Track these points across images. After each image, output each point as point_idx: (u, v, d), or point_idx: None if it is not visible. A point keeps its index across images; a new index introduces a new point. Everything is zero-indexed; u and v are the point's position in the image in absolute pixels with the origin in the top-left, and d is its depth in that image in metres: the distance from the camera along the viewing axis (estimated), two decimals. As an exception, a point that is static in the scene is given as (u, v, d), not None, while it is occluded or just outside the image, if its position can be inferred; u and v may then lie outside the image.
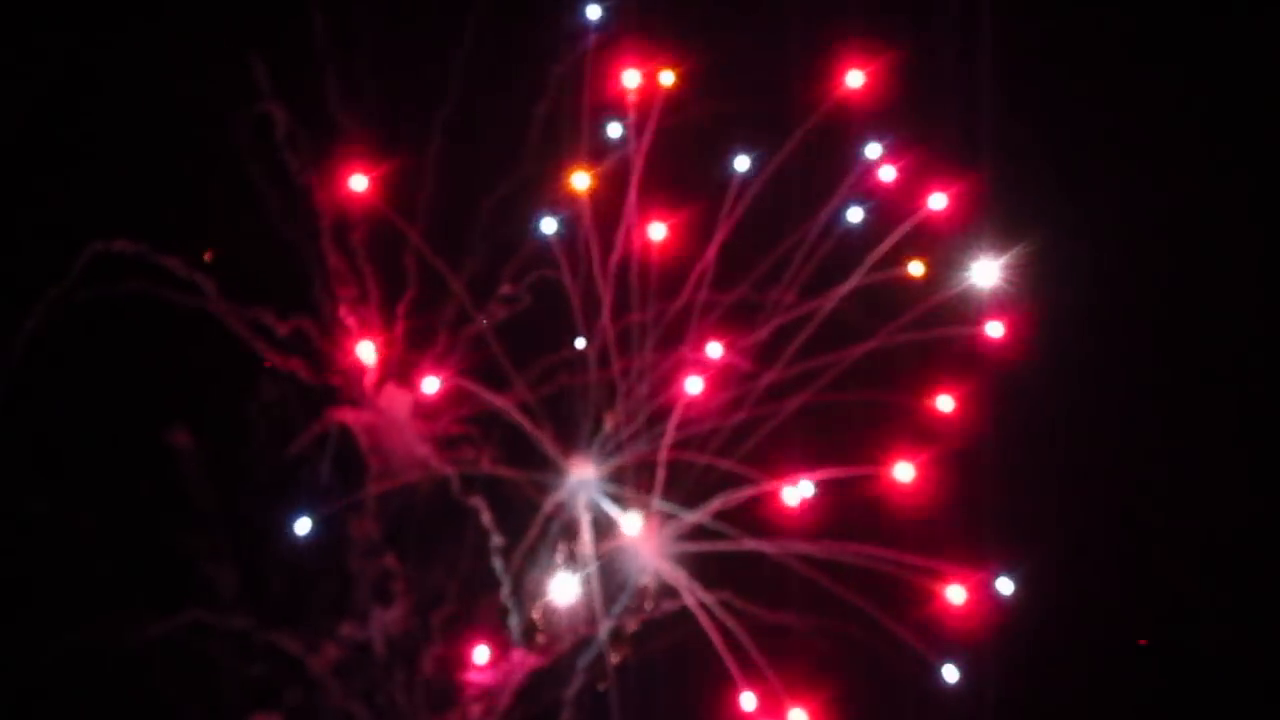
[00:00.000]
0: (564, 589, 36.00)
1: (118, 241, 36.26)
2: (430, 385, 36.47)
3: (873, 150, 36.86)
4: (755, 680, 35.28)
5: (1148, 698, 36.98)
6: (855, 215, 36.84)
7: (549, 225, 36.75)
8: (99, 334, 36.85)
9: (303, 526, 36.17)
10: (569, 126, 36.95)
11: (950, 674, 35.57)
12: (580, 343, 36.72)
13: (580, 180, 36.39)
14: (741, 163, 36.94)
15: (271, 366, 36.80)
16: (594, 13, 36.79)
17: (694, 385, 36.24)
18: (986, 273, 36.22)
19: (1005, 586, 35.45)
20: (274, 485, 37.01)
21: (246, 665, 36.53)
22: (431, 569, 36.79)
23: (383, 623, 36.46)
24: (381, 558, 36.81)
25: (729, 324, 36.71)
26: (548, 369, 36.95)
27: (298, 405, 37.15)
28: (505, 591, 36.36)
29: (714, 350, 36.44)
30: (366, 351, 36.32)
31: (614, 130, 36.91)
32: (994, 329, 36.16)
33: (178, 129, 37.47)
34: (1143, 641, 37.08)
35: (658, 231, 36.61)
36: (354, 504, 36.66)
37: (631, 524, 36.07)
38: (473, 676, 36.15)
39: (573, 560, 36.19)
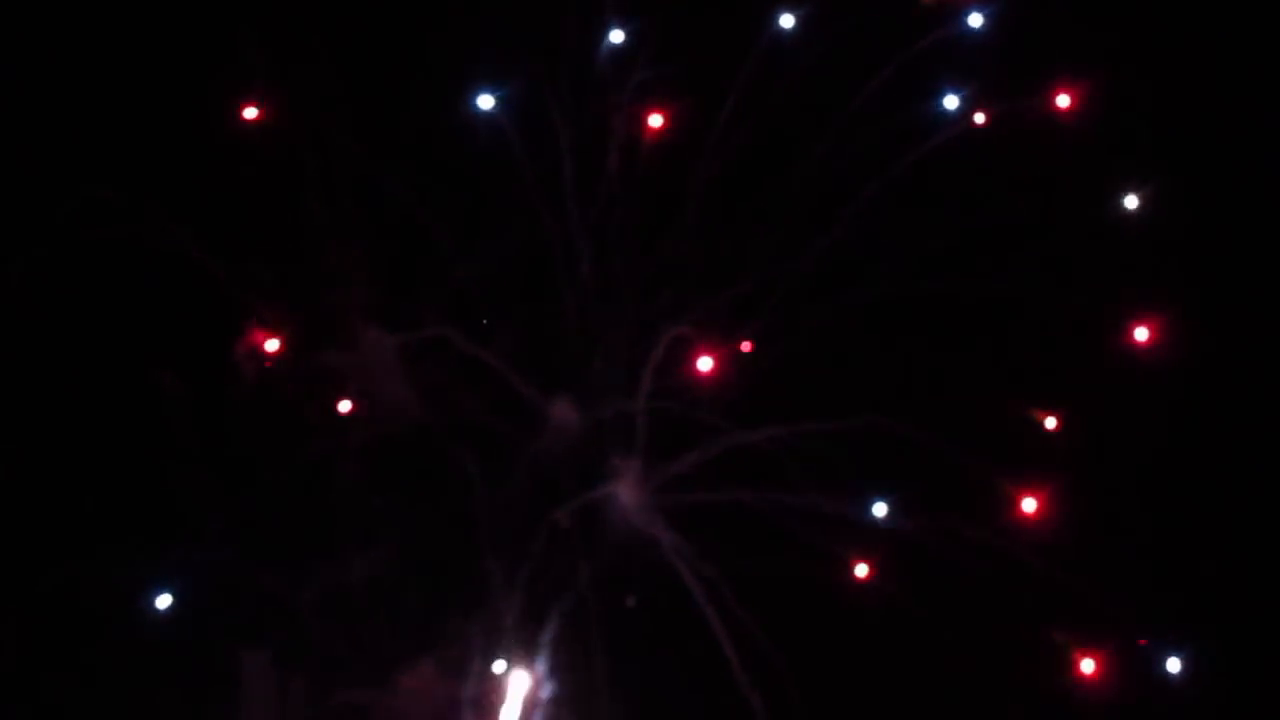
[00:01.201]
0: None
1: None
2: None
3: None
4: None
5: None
6: (951, 103, 36.21)
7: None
8: (82, 280, 36.94)
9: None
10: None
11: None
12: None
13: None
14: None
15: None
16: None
17: (704, 363, 36.08)
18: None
19: (1172, 664, 34.89)
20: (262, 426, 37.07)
21: (232, 602, 36.61)
22: (416, 513, 36.88)
23: (366, 563, 36.66)
24: (367, 500, 36.87)
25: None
26: (531, 316, 36.82)
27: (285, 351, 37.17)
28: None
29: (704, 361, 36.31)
30: None
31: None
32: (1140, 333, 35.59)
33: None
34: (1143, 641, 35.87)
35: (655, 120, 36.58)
36: (342, 446, 36.65)
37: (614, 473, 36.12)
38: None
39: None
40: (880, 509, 35.61)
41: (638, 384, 36.48)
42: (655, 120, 36.71)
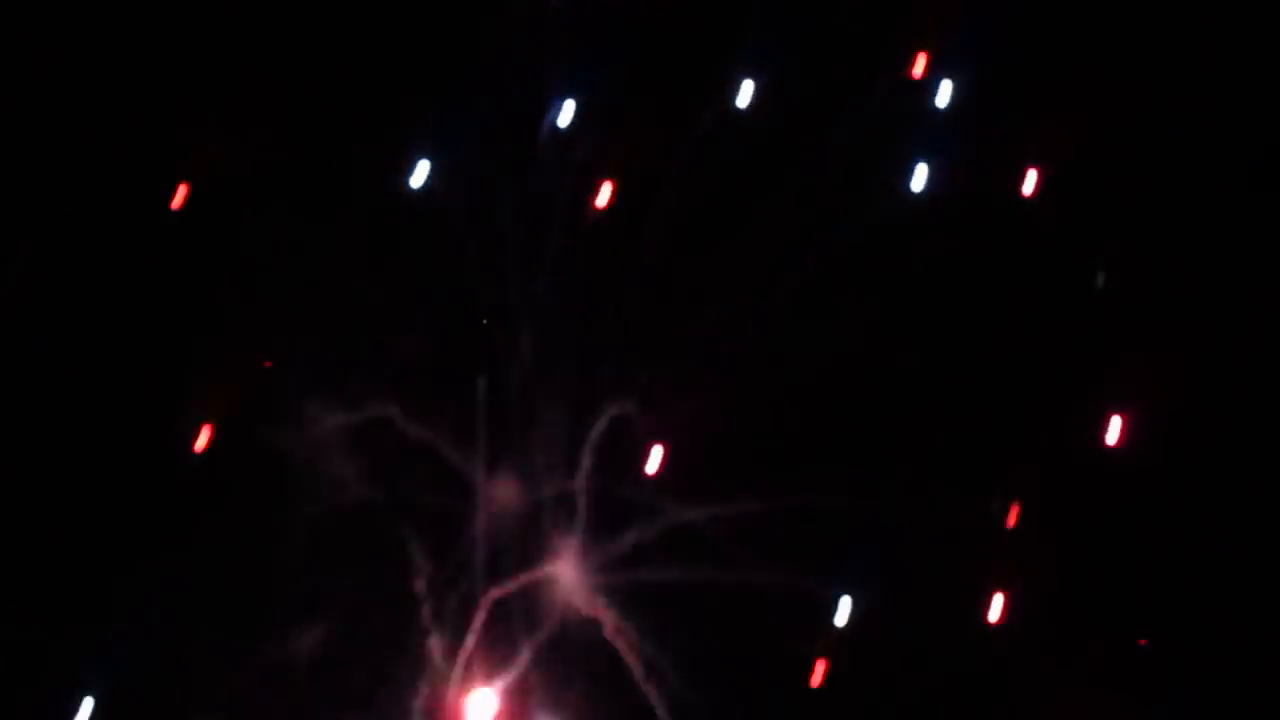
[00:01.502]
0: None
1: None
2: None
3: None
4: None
5: None
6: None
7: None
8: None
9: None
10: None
11: None
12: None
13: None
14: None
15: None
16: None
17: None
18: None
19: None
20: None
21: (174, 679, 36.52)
22: (358, 591, 36.80)
23: (308, 642, 36.59)
24: (308, 577, 36.79)
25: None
26: (471, 394, 36.76)
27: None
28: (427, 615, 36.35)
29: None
30: None
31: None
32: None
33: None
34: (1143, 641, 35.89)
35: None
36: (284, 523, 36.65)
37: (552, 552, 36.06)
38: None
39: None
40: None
41: (577, 462, 36.25)
42: (600, 197, 36.51)
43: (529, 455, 36.68)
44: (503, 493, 36.66)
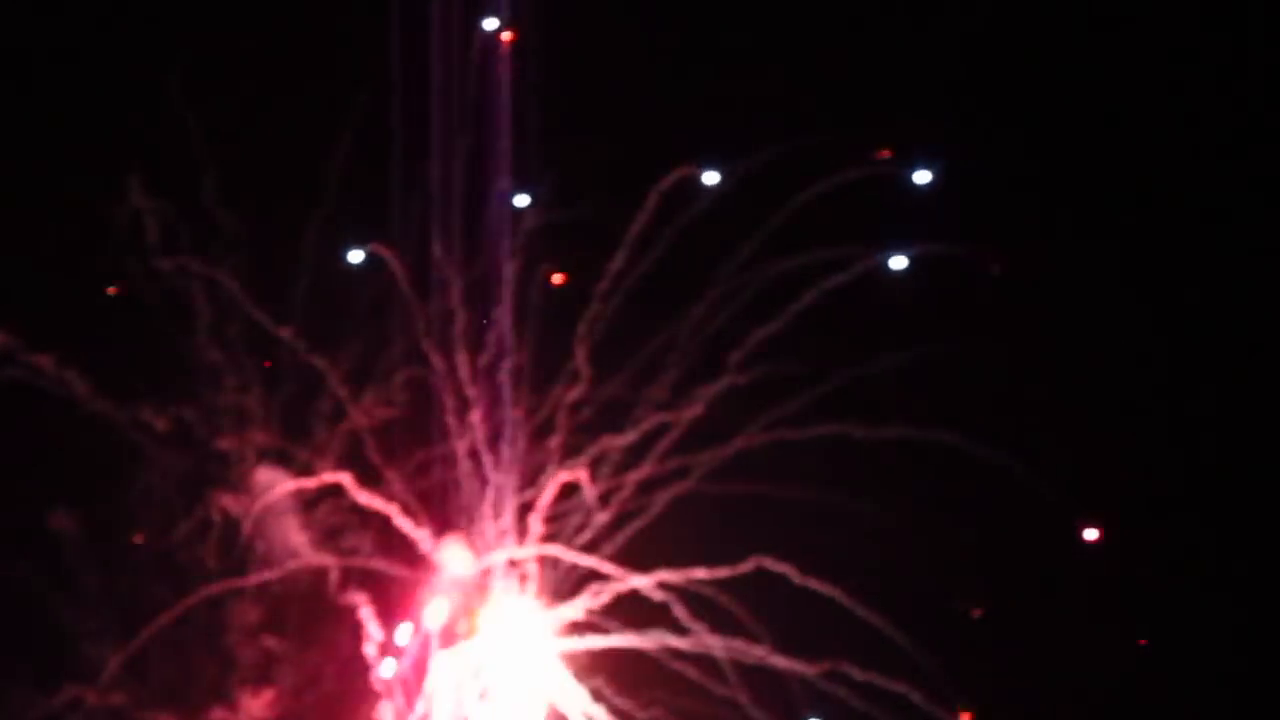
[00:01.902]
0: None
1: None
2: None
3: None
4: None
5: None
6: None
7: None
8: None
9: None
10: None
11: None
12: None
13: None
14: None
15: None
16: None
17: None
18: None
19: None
20: (156, 567, 37.14)
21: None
22: (310, 655, 37.00)
23: (261, 705, 36.77)
24: (261, 642, 36.99)
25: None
26: (422, 464, 36.99)
27: (179, 490, 37.26)
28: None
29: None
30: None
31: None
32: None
33: (50, 218, 37.27)
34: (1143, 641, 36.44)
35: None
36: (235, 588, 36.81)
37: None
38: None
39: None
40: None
41: (527, 529, 36.56)
42: (551, 271, 36.89)
43: (479, 522, 36.84)
44: (454, 559, 36.69)
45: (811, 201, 36.38)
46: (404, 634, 36.81)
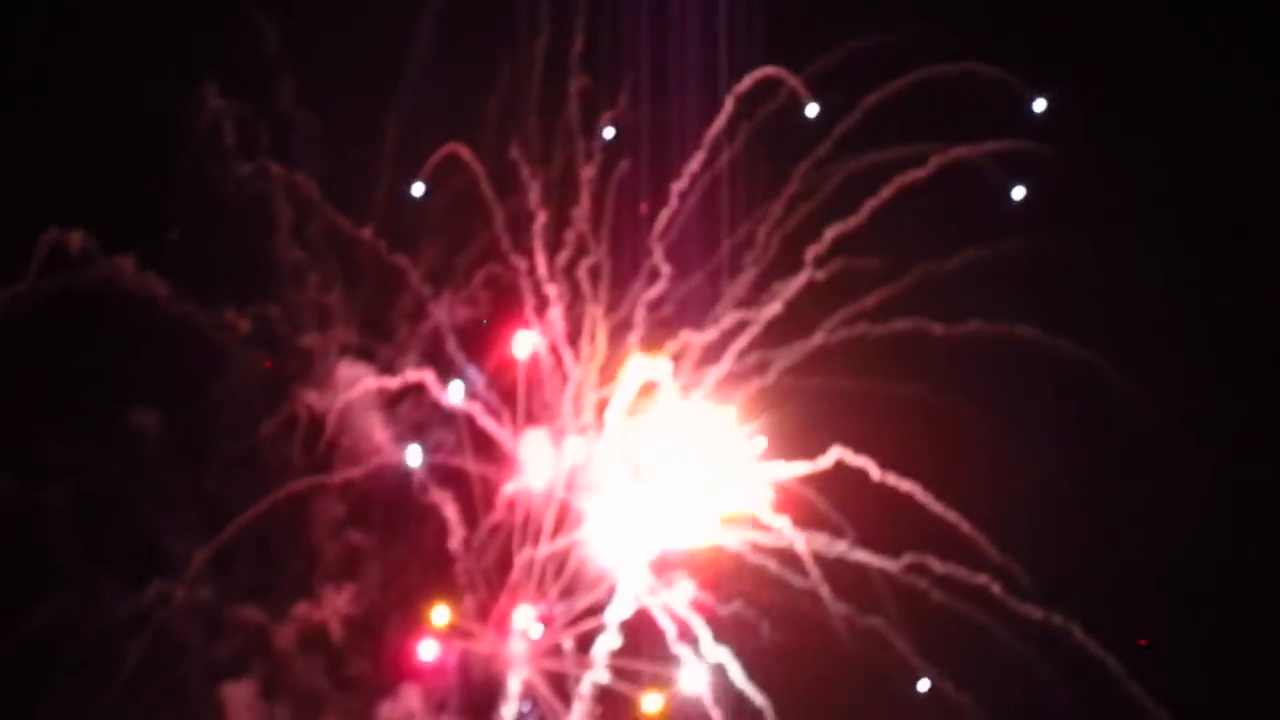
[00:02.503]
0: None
1: (73, 234, 36.41)
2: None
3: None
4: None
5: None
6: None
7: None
8: (60, 324, 37.10)
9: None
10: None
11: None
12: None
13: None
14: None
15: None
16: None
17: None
18: None
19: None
20: (241, 464, 37.55)
21: (213, 639, 37.18)
22: (394, 551, 37.38)
23: (345, 600, 37.20)
24: (346, 538, 37.39)
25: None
26: (503, 362, 37.21)
27: (263, 389, 37.62)
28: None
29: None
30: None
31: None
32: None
33: (133, 125, 37.44)
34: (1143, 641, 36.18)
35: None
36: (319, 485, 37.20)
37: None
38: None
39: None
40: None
41: (606, 423, 36.78)
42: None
43: (560, 418, 37.05)
44: (534, 455, 36.95)
45: (890, 99, 36.14)
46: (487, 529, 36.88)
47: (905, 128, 36.27)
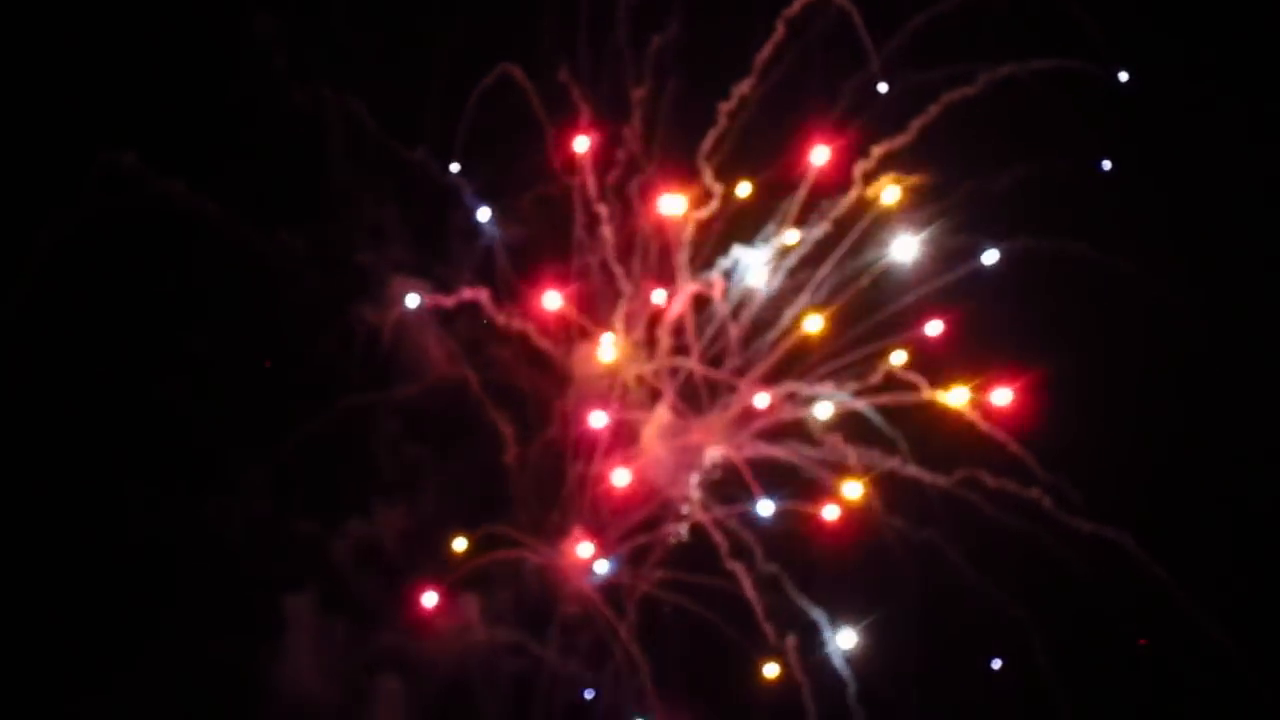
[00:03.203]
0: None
1: (126, 154, 36.62)
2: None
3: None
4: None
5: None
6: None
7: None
8: (116, 245, 37.49)
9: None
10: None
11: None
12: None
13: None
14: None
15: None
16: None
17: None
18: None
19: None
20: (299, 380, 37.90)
21: (271, 551, 37.61)
22: (449, 466, 37.78)
23: (399, 515, 37.65)
24: (402, 453, 37.79)
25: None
26: (555, 278, 37.48)
27: (320, 305, 37.93)
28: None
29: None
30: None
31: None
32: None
33: (185, 46, 37.57)
34: (1143, 641, 36.35)
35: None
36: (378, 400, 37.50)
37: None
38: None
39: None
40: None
41: (656, 342, 37.08)
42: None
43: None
44: (587, 370, 37.26)
45: (938, 18, 36.15)
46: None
47: (954, 48, 36.08)
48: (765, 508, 36.16)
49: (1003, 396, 35.38)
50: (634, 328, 37.11)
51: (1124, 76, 36.32)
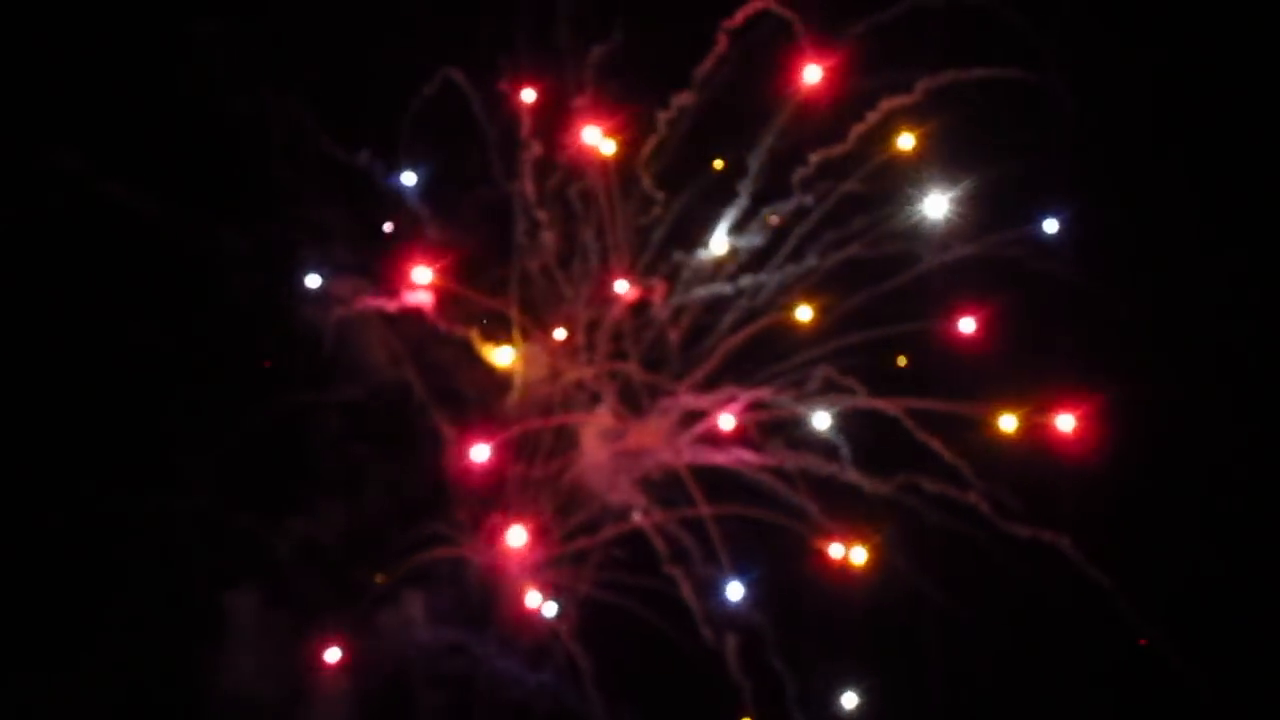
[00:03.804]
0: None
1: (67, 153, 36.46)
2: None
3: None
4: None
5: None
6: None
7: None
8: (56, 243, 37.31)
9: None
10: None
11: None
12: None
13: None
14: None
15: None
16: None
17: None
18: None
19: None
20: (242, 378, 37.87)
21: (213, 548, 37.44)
22: (391, 466, 37.82)
23: (340, 513, 37.67)
24: (344, 452, 37.80)
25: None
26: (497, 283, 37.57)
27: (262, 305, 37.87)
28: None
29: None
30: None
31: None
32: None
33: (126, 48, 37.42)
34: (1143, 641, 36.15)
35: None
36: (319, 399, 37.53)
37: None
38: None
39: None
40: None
41: (595, 347, 37.21)
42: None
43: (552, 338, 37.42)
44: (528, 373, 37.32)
45: (880, 28, 36.34)
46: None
47: (895, 56, 36.28)
48: (735, 590, 36.14)
49: (1066, 423, 35.25)
50: (576, 330, 37.06)
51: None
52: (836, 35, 36.18)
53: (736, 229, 36.74)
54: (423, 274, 36.72)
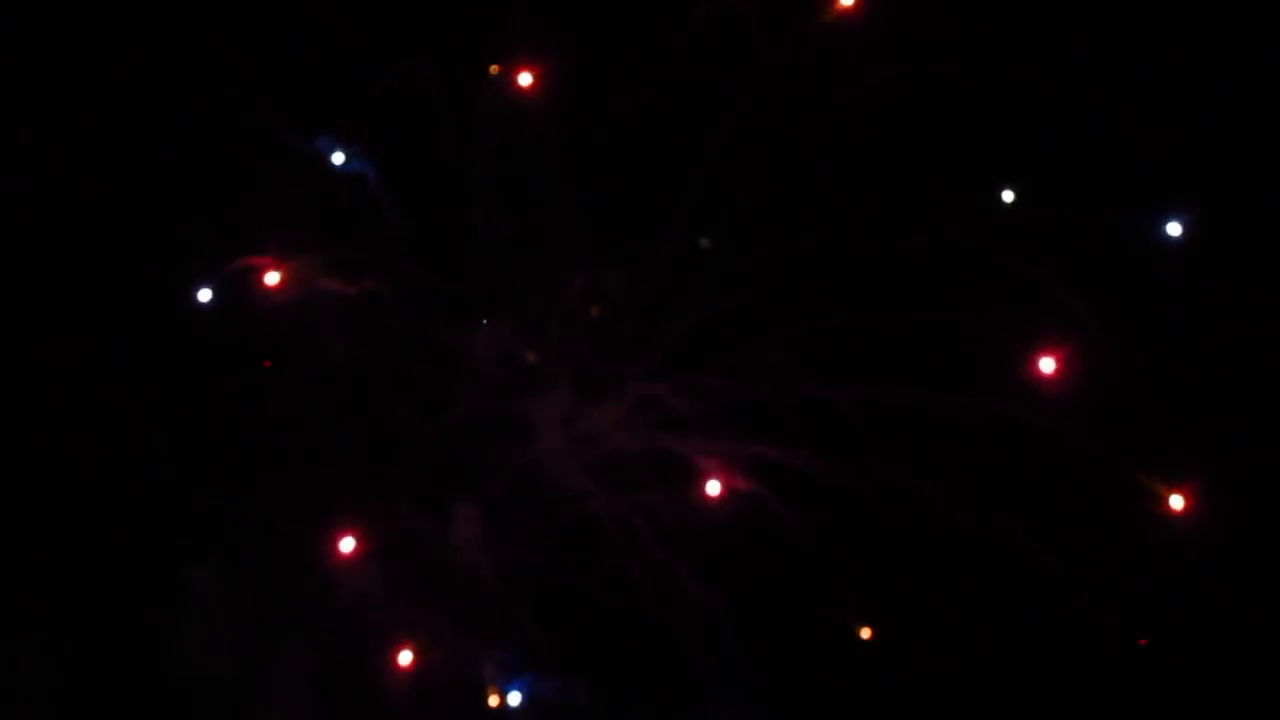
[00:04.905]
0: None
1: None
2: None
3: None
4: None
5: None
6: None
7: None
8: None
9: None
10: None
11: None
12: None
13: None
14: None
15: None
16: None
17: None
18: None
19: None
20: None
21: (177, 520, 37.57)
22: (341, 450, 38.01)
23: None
24: (302, 431, 37.96)
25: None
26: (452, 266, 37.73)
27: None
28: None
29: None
30: None
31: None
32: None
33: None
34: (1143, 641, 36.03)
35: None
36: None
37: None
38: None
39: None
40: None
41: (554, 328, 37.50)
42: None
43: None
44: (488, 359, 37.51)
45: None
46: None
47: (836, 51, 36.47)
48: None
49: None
50: (531, 314, 37.24)
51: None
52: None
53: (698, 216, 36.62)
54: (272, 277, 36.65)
